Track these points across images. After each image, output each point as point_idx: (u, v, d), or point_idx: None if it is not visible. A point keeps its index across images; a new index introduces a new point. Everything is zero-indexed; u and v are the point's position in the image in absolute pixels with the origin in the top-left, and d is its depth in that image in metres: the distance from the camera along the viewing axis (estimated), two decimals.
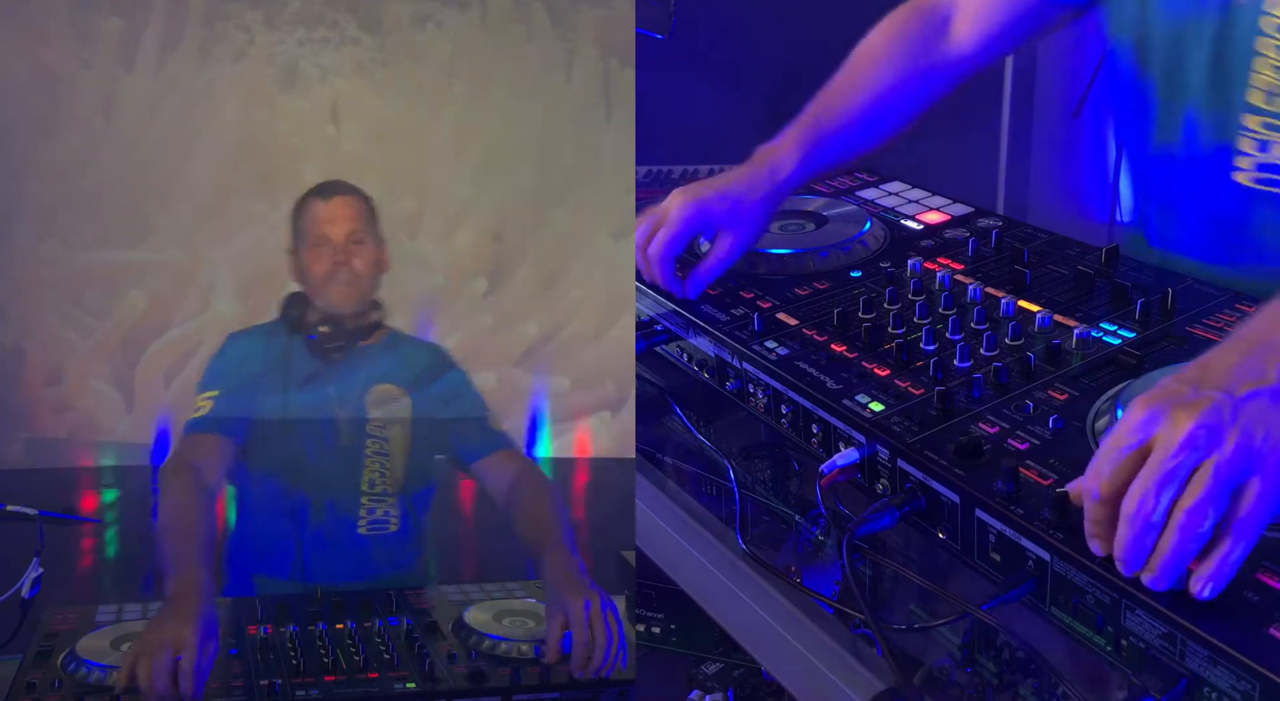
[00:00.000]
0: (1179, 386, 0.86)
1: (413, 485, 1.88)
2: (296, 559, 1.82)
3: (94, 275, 2.25)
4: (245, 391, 1.83)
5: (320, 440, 1.84)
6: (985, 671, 1.06)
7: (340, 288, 1.84)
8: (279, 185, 2.19)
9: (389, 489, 1.85)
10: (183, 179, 2.27)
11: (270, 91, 2.29)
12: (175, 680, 1.32)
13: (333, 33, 2.28)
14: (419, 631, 1.58)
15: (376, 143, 2.31)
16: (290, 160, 2.27)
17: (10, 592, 1.55)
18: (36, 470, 2.22)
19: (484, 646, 1.54)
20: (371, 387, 1.87)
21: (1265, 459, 0.82)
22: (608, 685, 1.48)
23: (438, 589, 1.77)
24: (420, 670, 1.48)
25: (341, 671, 1.47)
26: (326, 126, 2.31)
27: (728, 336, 1.30)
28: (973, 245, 1.46)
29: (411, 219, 2.28)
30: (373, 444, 1.85)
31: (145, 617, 1.64)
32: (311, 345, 1.84)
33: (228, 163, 2.29)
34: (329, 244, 1.83)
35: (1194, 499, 0.82)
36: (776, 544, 1.29)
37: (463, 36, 2.33)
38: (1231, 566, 0.83)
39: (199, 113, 2.29)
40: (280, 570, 1.84)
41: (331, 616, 1.62)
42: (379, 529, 1.85)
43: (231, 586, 1.85)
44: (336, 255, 1.82)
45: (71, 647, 1.49)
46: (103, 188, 2.25)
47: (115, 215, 2.25)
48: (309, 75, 2.29)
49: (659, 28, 1.74)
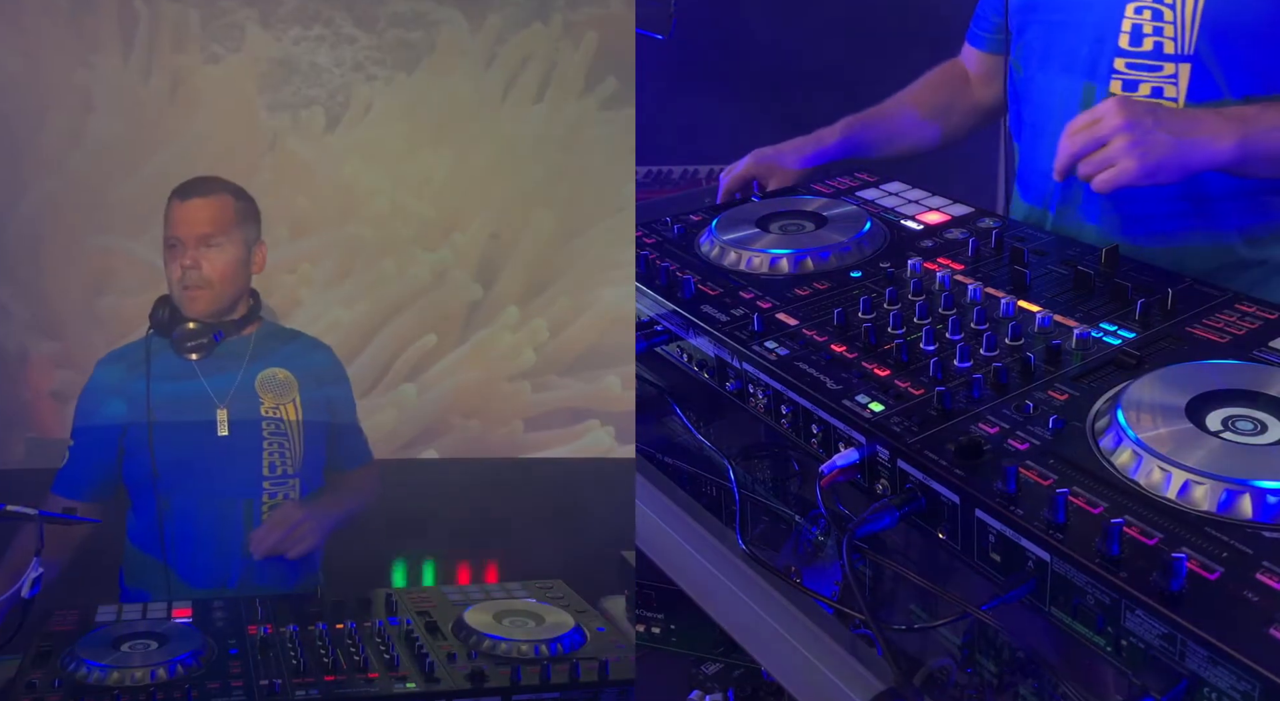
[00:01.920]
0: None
1: (315, 479, 1.87)
2: (226, 564, 1.81)
3: (95, 274, 2.24)
4: (109, 419, 1.82)
5: (208, 436, 1.81)
6: (985, 671, 1.07)
7: (191, 292, 1.80)
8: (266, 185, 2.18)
9: (288, 470, 1.83)
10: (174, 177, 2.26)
11: (264, 89, 2.29)
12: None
13: (328, 31, 2.28)
14: (419, 631, 1.58)
15: (372, 141, 2.31)
16: (285, 160, 2.26)
17: (10, 592, 1.54)
18: (36, 470, 2.21)
19: (484, 646, 1.54)
20: (256, 375, 1.84)
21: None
22: (608, 685, 1.48)
23: (438, 589, 1.77)
24: (420, 670, 1.48)
25: (341, 671, 1.47)
26: (320, 125, 2.31)
27: (728, 336, 1.30)
28: (973, 245, 1.46)
29: (407, 217, 2.27)
30: (269, 426, 1.83)
31: (145, 617, 1.64)
32: (174, 345, 1.80)
33: (219, 161, 2.29)
34: (179, 246, 1.79)
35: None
36: (776, 544, 1.29)
37: (460, 35, 2.33)
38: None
39: (191, 110, 2.28)
40: (213, 578, 1.82)
41: (331, 616, 1.63)
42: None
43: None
44: (184, 258, 1.78)
45: (71, 647, 1.49)
46: (99, 186, 2.25)
47: (114, 213, 2.25)
48: (303, 73, 2.29)
49: (659, 28, 1.74)
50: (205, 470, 1.81)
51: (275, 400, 1.83)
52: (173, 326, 1.80)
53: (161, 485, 1.83)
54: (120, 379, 1.84)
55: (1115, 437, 1.01)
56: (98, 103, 2.26)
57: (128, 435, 1.83)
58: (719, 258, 1.50)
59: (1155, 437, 0.99)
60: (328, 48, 2.30)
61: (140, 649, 1.51)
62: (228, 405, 1.82)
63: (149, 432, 1.80)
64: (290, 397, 1.84)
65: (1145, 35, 1.55)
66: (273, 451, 1.82)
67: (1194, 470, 0.95)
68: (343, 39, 2.31)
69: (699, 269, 1.48)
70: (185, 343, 1.80)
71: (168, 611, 1.66)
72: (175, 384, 1.81)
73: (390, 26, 2.33)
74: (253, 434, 1.81)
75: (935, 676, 1.10)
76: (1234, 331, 1.22)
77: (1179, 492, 0.95)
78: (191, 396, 1.82)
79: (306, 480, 1.84)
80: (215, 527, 1.83)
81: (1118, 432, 1.01)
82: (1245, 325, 1.23)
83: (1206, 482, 0.94)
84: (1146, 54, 1.55)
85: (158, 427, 1.80)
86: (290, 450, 1.83)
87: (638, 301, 1.46)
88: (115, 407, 1.84)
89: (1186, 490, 0.94)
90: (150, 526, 1.84)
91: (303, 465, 1.84)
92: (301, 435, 1.84)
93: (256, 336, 1.87)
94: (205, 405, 1.82)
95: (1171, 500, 0.95)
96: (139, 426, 1.82)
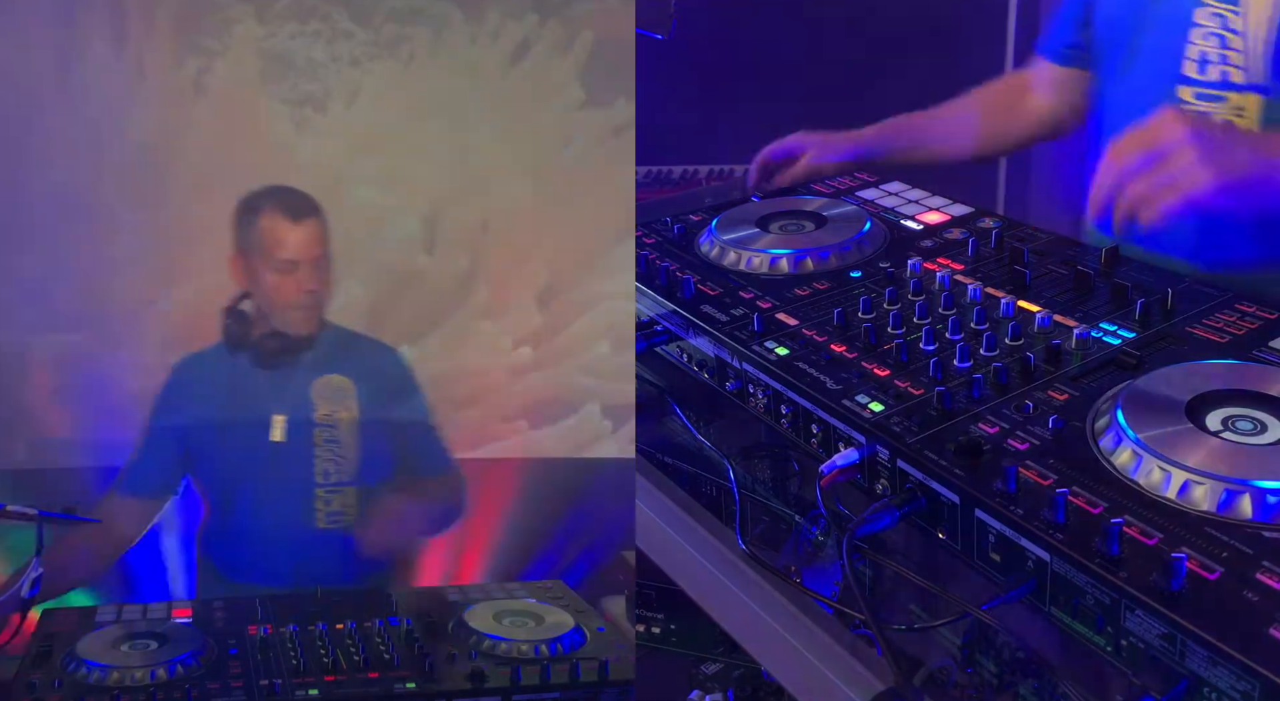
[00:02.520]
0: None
1: (371, 481, 1.86)
2: (274, 562, 1.83)
3: (95, 274, 2.24)
4: (193, 420, 1.84)
5: (263, 443, 1.82)
6: (985, 671, 1.06)
7: (302, 312, 1.81)
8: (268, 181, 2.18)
9: (344, 478, 1.83)
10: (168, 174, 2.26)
11: (260, 85, 2.28)
12: None
13: (324, 26, 2.28)
14: (419, 631, 1.58)
15: (369, 136, 2.31)
16: (279, 155, 2.26)
17: (10, 592, 1.54)
18: (36, 470, 2.21)
19: (484, 646, 1.54)
20: (312, 381, 1.83)
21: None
22: (608, 685, 1.48)
23: (438, 589, 1.77)
24: (420, 670, 1.48)
25: (341, 671, 1.46)
26: (317, 121, 2.30)
27: (728, 336, 1.30)
28: (973, 245, 1.46)
29: (403, 211, 2.27)
30: (321, 433, 1.83)
31: (145, 617, 1.64)
32: (255, 359, 1.82)
33: (215, 157, 2.28)
34: (295, 270, 1.79)
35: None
36: (776, 544, 1.29)
37: (457, 31, 2.33)
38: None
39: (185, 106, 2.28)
40: (262, 576, 1.83)
41: (331, 616, 1.63)
42: (336, 521, 1.84)
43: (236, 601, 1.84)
44: (305, 283, 1.79)
45: (71, 647, 1.49)
46: (99, 185, 2.25)
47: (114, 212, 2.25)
48: (300, 69, 2.29)
49: (659, 28, 1.74)
50: (263, 475, 1.82)
51: (329, 407, 1.83)
52: (247, 338, 1.82)
53: (225, 488, 1.87)
54: (194, 382, 1.86)
55: (1115, 437, 1.01)
56: (95, 100, 2.26)
57: (197, 436, 1.85)
58: (719, 257, 1.50)
59: (1155, 437, 0.99)
60: (324, 43, 2.30)
61: (140, 649, 1.51)
62: (286, 411, 1.82)
63: (218, 435, 1.83)
64: (346, 404, 1.83)
65: (1211, 63, 1.48)
66: (325, 458, 1.82)
67: (1194, 470, 0.95)
68: (339, 34, 2.30)
69: (699, 269, 1.48)
70: (270, 359, 1.82)
71: (168, 611, 1.66)
72: (244, 389, 1.83)
73: (387, 21, 2.33)
74: (306, 440, 1.81)
75: (935, 676, 1.10)
76: (1234, 331, 1.22)
77: (1179, 492, 0.95)
78: (257, 401, 1.83)
79: (364, 487, 1.84)
80: (274, 531, 1.84)
81: (1117, 432, 1.01)
82: (1245, 325, 1.23)
83: (1206, 482, 0.94)
84: (1213, 84, 1.48)
85: (226, 430, 1.83)
86: (344, 457, 1.83)
87: (638, 301, 1.46)
88: (189, 409, 1.85)
89: (1186, 490, 0.94)
90: (215, 529, 1.88)
91: (358, 472, 1.83)
92: (357, 442, 1.83)
93: (323, 342, 1.87)
94: (269, 410, 1.82)
95: (1171, 500, 0.95)
96: (209, 428, 1.84)
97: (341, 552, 1.83)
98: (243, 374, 1.82)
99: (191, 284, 2.32)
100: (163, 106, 2.28)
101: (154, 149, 2.28)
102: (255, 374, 1.83)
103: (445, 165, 2.30)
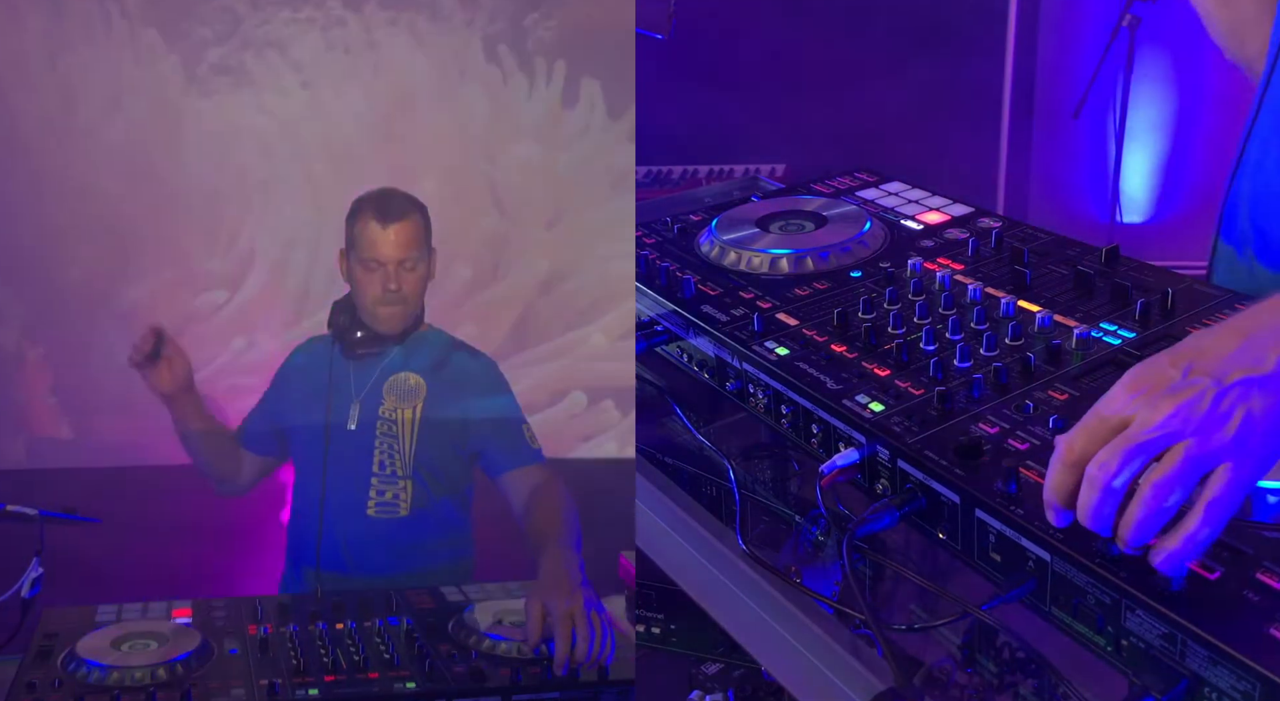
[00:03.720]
0: (1170, 370, 0.87)
1: (442, 481, 1.92)
2: (321, 546, 1.90)
3: (94, 273, 2.24)
4: (298, 403, 1.97)
5: (339, 428, 1.91)
6: (985, 671, 1.06)
7: (389, 310, 1.90)
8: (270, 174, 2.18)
9: (398, 471, 1.88)
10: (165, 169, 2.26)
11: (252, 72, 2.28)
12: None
13: (318, 13, 2.28)
14: (419, 631, 1.58)
15: (365, 128, 2.31)
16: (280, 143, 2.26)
17: (10, 592, 1.55)
18: (36, 470, 2.21)
19: (484, 646, 1.54)
20: (389, 376, 1.92)
21: (1243, 445, 0.82)
22: (608, 685, 1.48)
23: (438, 589, 1.77)
24: (420, 670, 1.48)
25: (341, 671, 1.47)
26: (317, 108, 2.30)
27: (728, 336, 1.30)
28: (973, 245, 1.46)
29: None
30: (382, 426, 1.90)
31: (145, 617, 1.64)
32: (345, 350, 1.92)
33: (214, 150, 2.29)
34: (381, 268, 1.87)
35: (1163, 474, 0.82)
36: (776, 544, 1.29)
37: (457, 29, 2.33)
38: (1196, 546, 0.83)
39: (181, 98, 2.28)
40: (311, 558, 1.90)
41: (331, 616, 1.63)
42: (387, 511, 1.88)
43: (290, 581, 1.96)
44: (389, 281, 1.87)
45: (71, 647, 1.49)
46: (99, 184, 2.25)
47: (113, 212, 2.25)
48: (294, 56, 2.29)
49: (659, 28, 1.74)
50: (336, 458, 1.93)
51: (395, 403, 1.91)
52: (351, 333, 1.91)
53: (302, 466, 1.98)
54: (302, 364, 2.01)
55: None
56: (93, 98, 2.26)
57: (291, 412, 1.98)
58: (719, 257, 1.50)
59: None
60: (318, 30, 2.30)
61: (140, 649, 1.51)
62: (361, 401, 1.92)
63: (305, 415, 1.95)
64: (412, 403, 1.91)
65: None
66: (383, 450, 1.90)
67: None
68: (333, 21, 2.31)
69: (699, 269, 1.48)
70: (357, 350, 1.92)
71: (168, 611, 1.66)
72: (335, 377, 1.93)
73: (380, 8, 2.33)
74: (370, 432, 1.91)
75: (935, 676, 1.10)
76: None
77: None
78: (341, 390, 1.93)
79: (420, 483, 1.91)
80: (334, 515, 1.93)
81: None
82: None
83: None
84: None
85: (313, 411, 1.94)
86: (400, 452, 1.90)
87: (638, 301, 1.46)
88: (292, 386, 2.00)
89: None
90: (301, 506, 1.97)
91: (413, 469, 1.91)
92: (414, 439, 1.89)
93: (412, 340, 1.95)
94: (349, 399, 1.93)
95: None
96: (301, 408, 1.96)
97: (390, 543, 1.89)
98: (336, 363, 1.92)
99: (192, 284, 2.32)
100: (162, 102, 2.28)
101: (152, 146, 2.28)
102: (345, 364, 1.93)
103: (442, 156, 2.31)
